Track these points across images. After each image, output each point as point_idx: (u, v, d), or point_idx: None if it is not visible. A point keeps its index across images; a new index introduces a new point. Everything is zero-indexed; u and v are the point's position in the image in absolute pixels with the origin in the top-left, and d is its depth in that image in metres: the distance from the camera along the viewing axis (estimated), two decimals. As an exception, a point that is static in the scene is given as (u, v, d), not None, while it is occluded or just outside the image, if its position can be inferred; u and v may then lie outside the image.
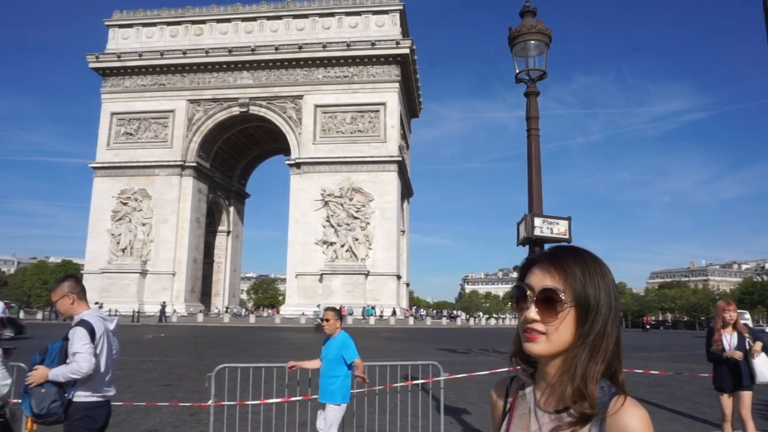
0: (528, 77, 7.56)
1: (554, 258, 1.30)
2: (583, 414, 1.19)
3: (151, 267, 57.80)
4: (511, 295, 1.37)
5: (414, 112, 75.98)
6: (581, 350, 1.23)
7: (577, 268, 1.26)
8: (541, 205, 7.02)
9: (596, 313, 1.23)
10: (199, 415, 9.17)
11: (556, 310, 1.23)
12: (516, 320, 1.47)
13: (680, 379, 14.46)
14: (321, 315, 34.96)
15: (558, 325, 1.23)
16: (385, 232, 54.91)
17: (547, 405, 1.28)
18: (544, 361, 1.29)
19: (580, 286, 1.24)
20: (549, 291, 1.24)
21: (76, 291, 4.05)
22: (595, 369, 1.21)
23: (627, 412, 1.17)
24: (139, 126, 61.02)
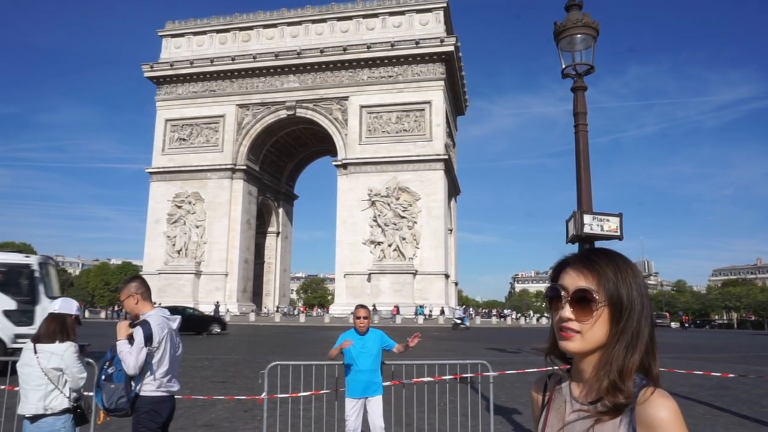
0: (575, 72, 7.42)
1: (587, 260, 1.36)
2: (616, 404, 1.24)
3: (204, 268, 59.60)
4: (545, 296, 1.44)
5: (460, 110, 75.40)
6: (616, 347, 1.28)
7: (609, 269, 1.32)
8: (590, 202, 6.87)
9: (630, 311, 1.29)
10: (252, 411, 9.42)
11: (591, 309, 1.29)
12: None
13: (745, 382, 13.84)
14: (459, 315, 35.31)
15: (593, 324, 1.29)
16: (432, 231, 54.73)
17: (584, 398, 1.35)
18: (578, 358, 1.36)
19: (613, 286, 1.30)
20: (583, 291, 1.30)
21: (140, 291, 4.26)
22: (630, 364, 1.27)
23: (656, 402, 1.21)
24: (191, 131, 63.04)
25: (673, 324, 78.97)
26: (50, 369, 4.01)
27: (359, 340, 5.81)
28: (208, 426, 8.65)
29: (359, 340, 5.82)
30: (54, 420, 4.00)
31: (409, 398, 7.11)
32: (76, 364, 4.11)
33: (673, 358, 19.90)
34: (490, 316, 69.84)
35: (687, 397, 12.12)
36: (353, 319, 5.97)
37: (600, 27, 7.88)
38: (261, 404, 6.59)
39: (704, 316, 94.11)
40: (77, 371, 4.11)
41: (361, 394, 5.72)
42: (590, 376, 1.33)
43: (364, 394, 5.72)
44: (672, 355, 21.76)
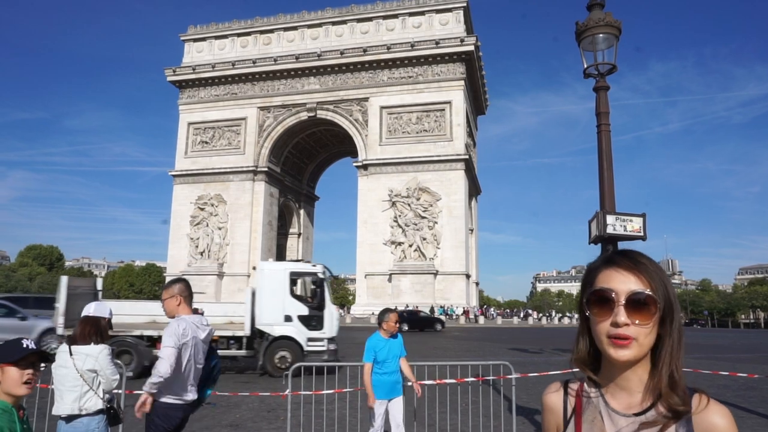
0: (597, 72, 7.38)
1: (633, 261, 1.29)
2: (674, 410, 1.19)
3: (227, 269, 60.27)
4: (587, 301, 1.31)
5: (480, 109, 75.04)
6: (668, 349, 1.25)
7: (656, 269, 1.28)
8: (613, 203, 6.83)
9: (676, 310, 1.27)
10: (276, 412, 9.54)
11: (651, 313, 1.23)
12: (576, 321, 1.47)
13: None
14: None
15: (651, 328, 1.24)
16: (453, 231, 54.56)
17: (626, 409, 1.27)
18: (623, 367, 1.27)
19: (663, 287, 1.26)
20: (642, 294, 1.23)
21: (184, 294, 4.36)
22: (681, 365, 1.25)
23: (713, 410, 1.19)
24: (213, 134, 63.80)
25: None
26: (85, 371, 4.12)
27: (386, 344, 5.90)
28: (232, 426, 8.78)
29: (386, 343, 5.91)
30: (89, 420, 4.11)
31: (431, 398, 7.15)
32: (110, 365, 4.23)
33: (698, 359, 19.58)
34: (512, 316, 69.39)
35: (714, 398, 11.93)
36: (386, 324, 5.98)
37: (622, 26, 7.82)
38: (285, 404, 6.68)
39: (730, 315, 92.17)
40: (110, 373, 4.22)
41: (387, 396, 5.84)
42: (636, 385, 1.27)
43: (389, 396, 5.85)
44: (697, 356, 21.41)
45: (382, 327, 6.04)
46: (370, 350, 5.86)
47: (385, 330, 5.97)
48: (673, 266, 40.97)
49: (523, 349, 23.22)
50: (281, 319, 14.36)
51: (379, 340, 5.96)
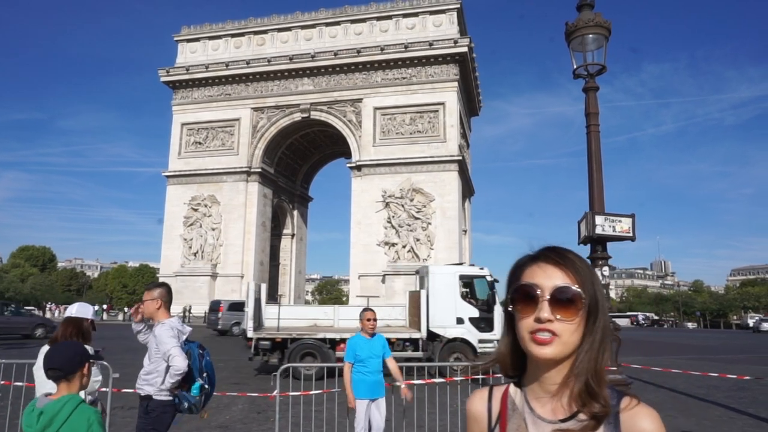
0: (586, 72, 7.39)
1: (560, 256, 1.24)
2: (595, 415, 1.13)
3: (220, 270, 60.10)
4: (511, 297, 1.27)
5: (474, 111, 75.24)
6: (591, 348, 1.18)
7: (582, 266, 1.23)
8: (602, 203, 6.84)
9: (602, 308, 1.21)
10: (266, 413, 9.51)
11: (576, 309, 1.18)
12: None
13: (764, 384, 13.64)
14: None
15: (576, 325, 1.18)
16: (446, 232, 54.63)
17: (551, 414, 1.20)
18: (547, 366, 1.21)
19: (590, 282, 1.20)
20: (568, 289, 1.18)
21: (165, 299, 4.50)
22: (603, 366, 1.18)
23: (641, 412, 1.14)
24: (207, 135, 63.63)
25: (690, 324, 77.92)
26: None
27: (367, 343, 5.94)
28: (222, 427, 8.74)
29: (367, 342, 5.95)
30: None
31: (421, 399, 7.13)
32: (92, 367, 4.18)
33: (689, 360, 19.66)
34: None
35: (704, 399, 11.99)
36: (361, 322, 6.09)
37: (612, 26, 7.83)
38: (274, 405, 6.65)
39: (722, 316, 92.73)
40: (92, 374, 4.18)
41: (369, 395, 5.85)
42: (559, 387, 1.20)
43: (371, 395, 5.86)
44: (688, 357, 21.48)
45: (361, 326, 6.09)
46: (351, 350, 5.91)
47: (363, 329, 6.01)
48: (666, 268, 41.27)
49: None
50: (453, 322, 14.85)
51: (360, 340, 5.99)
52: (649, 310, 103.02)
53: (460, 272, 15.96)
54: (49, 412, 2.71)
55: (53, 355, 2.91)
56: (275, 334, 14.32)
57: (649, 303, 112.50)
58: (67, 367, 2.84)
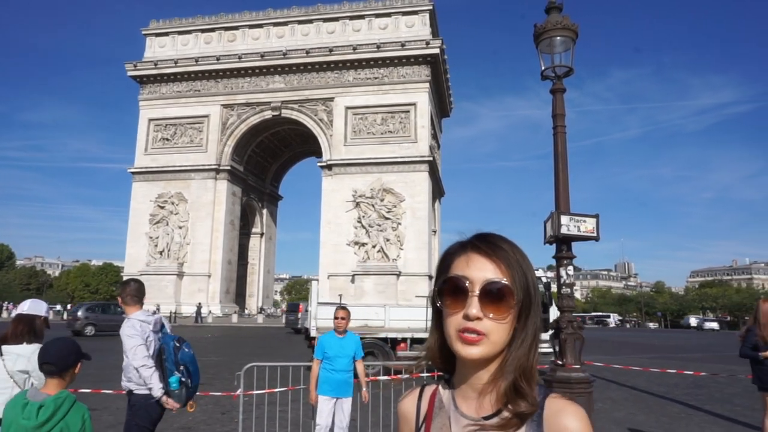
0: (554, 74, 7.47)
1: (491, 245, 1.14)
2: (520, 413, 1.07)
3: (187, 269, 59.11)
4: (438, 290, 1.15)
5: (445, 112, 75.70)
6: (521, 346, 1.10)
7: (517, 255, 1.13)
8: (568, 203, 6.93)
9: (535, 304, 1.12)
10: (230, 414, 9.36)
11: (508, 306, 1.08)
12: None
13: (720, 381, 14.05)
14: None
15: (508, 324, 1.09)
16: (416, 233, 54.84)
17: (475, 412, 1.13)
18: (474, 367, 1.13)
19: (523, 276, 1.11)
20: (499, 284, 1.08)
21: (131, 294, 4.66)
22: (534, 363, 1.11)
23: (565, 410, 1.07)
24: (175, 131, 62.51)
25: (652, 324, 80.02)
26: (16, 371, 3.91)
27: (338, 342, 5.89)
28: (185, 429, 8.57)
29: (338, 341, 5.90)
30: None
31: (387, 398, 7.11)
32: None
33: (652, 358, 20.11)
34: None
35: (663, 396, 12.27)
36: (333, 321, 6.05)
37: (579, 29, 7.94)
38: (238, 405, 6.54)
39: (682, 316, 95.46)
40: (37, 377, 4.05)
41: (336, 395, 5.81)
42: (487, 386, 1.12)
43: (337, 394, 5.81)
44: (650, 356, 21.99)
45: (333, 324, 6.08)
46: (320, 347, 5.89)
47: (336, 328, 5.98)
48: (629, 269, 42.12)
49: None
50: None
51: (331, 337, 5.96)
52: (613, 310, 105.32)
53: None
54: (50, 407, 2.78)
55: (49, 350, 2.98)
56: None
57: (613, 303, 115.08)
58: (62, 363, 2.93)
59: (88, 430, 2.88)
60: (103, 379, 10.98)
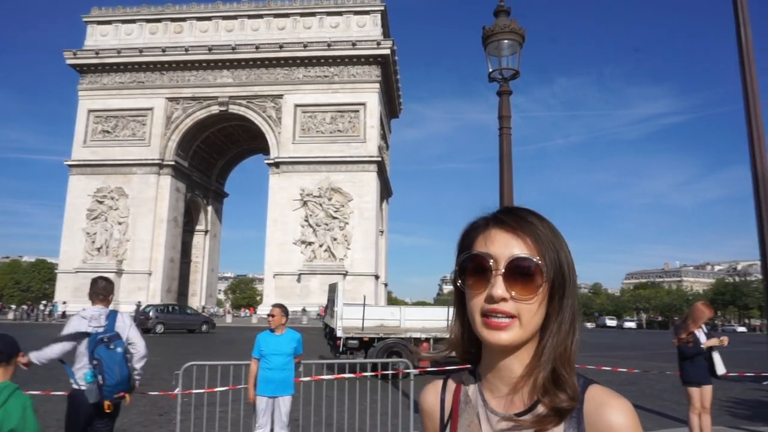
0: (501, 76, 7.61)
1: (519, 218, 1.01)
2: (559, 408, 0.93)
3: (126, 266, 57.01)
4: (459, 269, 1.02)
5: (394, 113, 76.11)
6: (559, 331, 0.98)
7: (547, 231, 1.00)
8: (512, 203, 7.06)
9: (571, 282, 1.00)
10: (168, 415, 9.06)
11: (536, 285, 0.95)
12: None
13: (650, 377, 14.69)
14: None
15: (538, 304, 0.96)
16: (363, 232, 54.89)
17: (507, 408, 1.00)
18: (505, 354, 1.00)
19: (554, 252, 0.98)
20: (526, 260, 0.96)
21: (91, 291, 4.96)
22: (574, 349, 0.98)
23: (611, 404, 0.92)
24: (116, 124, 60.15)
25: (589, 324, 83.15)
26: None
27: (274, 340, 5.85)
28: (119, 431, 8.22)
29: (274, 338, 5.85)
30: None
31: (330, 398, 7.04)
32: None
33: (586, 356, 20.84)
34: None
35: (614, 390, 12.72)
36: (269, 319, 6.02)
37: (526, 34, 8.12)
38: (176, 405, 6.33)
39: (618, 317, 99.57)
40: None
41: (273, 393, 5.74)
42: (520, 377, 0.98)
43: (275, 393, 5.74)
44: (586, 354, 22.78)
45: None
46: (257, 345, 5.83)
47: (270, 324, 5.95)
48: (569, 270, 42.50)
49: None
50: None
51: (267, 336, 5.92)
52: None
53: None
54: None
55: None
56: (362, 334, 14.90)
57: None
58: (8, 350, 3.02)
59: (30, 420, 2.85)
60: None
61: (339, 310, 14.93)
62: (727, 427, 8.52)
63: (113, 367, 4.42)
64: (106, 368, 4.39)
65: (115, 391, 4.43)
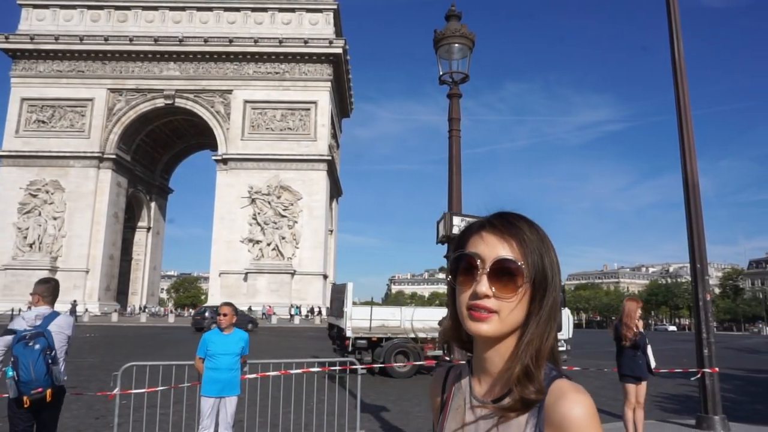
0: (451, 80, 7.72)
1: (508, 223, 1.12)
2: (525, 399, 1.02)
3: (62, 264, 54.48)
4: (451, 268, 1.14)
5: (345, 112, 75.98)
6: (536, 327, 1.07)
7: (534, 236, 1.11)
8: (460, 205, 7.17)
9: (552, 284, 1.09)
10: (105, 419, 8.71)
11: (516, 285, 1.06)
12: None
13: (588, 374, 15.23)
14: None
15: (517, 303, 1.06)
16: (312, 231, 54.54)
17: (487, 395, 1.11)
18: (486, 346, 1.12)
19: (538, 256, 1.09)
20: (509, 262, 1.06)
21: (40, 293, 4.94)
22: (547, 346, 1.07)
23: (569, 398, 0.99)
24: (53, 114, 57.39)
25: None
26: None
27: (221, 339, 5.74)
28: (51, 435, 7.86)
29: (221, 338, 5.75)
30: None
31: (276, 398, 6.96)
32: None
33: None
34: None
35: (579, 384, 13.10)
36: (216, 318, 5.89)
37: (476, 39, 8.27)
38: (114, 408, 6.10)
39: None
40: None
41: (218, 394, 5.63)
42: (498, 367, 1.10)
43: (221, 394, 5.63)
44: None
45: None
46: (203, 344, 5.71)
47: (219, 324, 5.83)
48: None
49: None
50: None
51: (214, 334, 5.81)
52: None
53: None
54: None
55: None
56: (371, 334, 15.16)
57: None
58: None
59: None
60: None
61: (348, 310, 15.09)
62: (658, 421, 8.94)
63: (27, 363, 4.57)
64: (21, 365, 4.56)
65: (31, 387, 4.56)
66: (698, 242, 8.96)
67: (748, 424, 8.91)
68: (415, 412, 10.01)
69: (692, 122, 9.47)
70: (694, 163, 9.28)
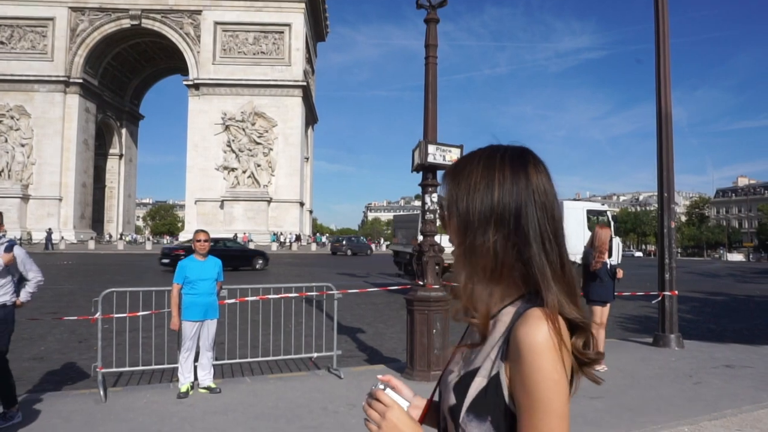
0: (428, 3, 7.53)
1: (455, 164, 1.09)
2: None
3: (33, 191, 53.49)
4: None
5: (321, 36, 73.47)
6: (463, 268, 1.03)
7: (463, 175, 1.04)
8: (435, 133, 7.21)
9: (471, 227, 1.00)
10: (88, 342, 8.94)
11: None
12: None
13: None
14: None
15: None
16: (288, 159, 54.08)
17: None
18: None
19: (454, 193, 1.03)
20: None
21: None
22: (465, 281, 1.03)
23: (529, 323, 0.92)
24: (12, 34, 54.38)
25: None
26: None
27: (199, 265, 5.89)
28: (36, 359, 8.08)
29: (199, 264, 5.89)
30: None
31: (255, 321, 7.21)
32: None
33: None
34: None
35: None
36: (193, 243, 6.01)
37: (455, -39, 8.01)
38: (95, 330, 6.27)
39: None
40: None
41: (200, 317, 5.86)
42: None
43: (202, 317, 5.87)
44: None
45: (193, 247, 6.08)
46: (180, 271, 5.87)
47: (197, 251, 5.97)
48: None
49: (351, 274, 24.32)
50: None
51: (191, 261, 5.97)
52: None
53: (588, 207, 18.40)
54: None
55: None
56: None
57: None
58: None
59: None
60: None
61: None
62: (619, 339, 9.51)
63: None
64: None
65: None
66: (667, 172, 9.22)
67: (700, 341, 9.53)
68: (389, 333, 10.45)
69: (670, 52, 9.46)
70: (668, 93, 9.36)
